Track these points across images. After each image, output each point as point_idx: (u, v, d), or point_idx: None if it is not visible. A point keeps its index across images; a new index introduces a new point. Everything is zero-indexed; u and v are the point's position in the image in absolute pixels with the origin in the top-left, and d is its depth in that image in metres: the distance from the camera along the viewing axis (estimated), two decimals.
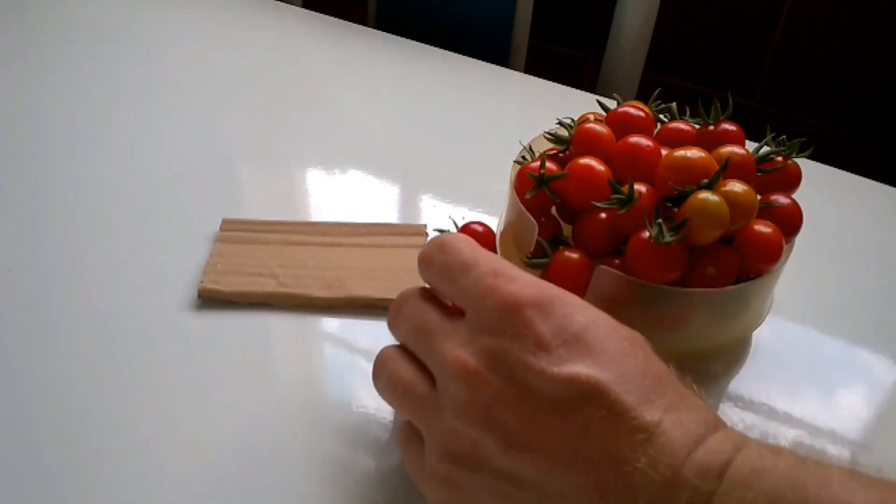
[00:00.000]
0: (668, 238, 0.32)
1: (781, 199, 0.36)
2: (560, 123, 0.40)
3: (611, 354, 0.25)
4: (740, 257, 0.34)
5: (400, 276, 0.41)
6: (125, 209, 0.47)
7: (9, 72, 0.61)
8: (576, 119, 0.40)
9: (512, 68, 0.71)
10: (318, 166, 0.52)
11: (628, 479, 0.23)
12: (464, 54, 0.66)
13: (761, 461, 0.23)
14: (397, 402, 0.29)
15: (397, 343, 0.31)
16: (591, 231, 0.36)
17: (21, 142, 0.53)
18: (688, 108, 0.41)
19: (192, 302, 0.40)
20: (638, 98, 0.41)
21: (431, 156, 0.54)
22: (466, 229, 0.38)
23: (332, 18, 0.71)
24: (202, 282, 0.40)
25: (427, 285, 0.31)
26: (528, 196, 0.36)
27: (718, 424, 0.25)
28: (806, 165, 0.38)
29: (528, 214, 0.36)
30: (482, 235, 0.38)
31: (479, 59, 0.65)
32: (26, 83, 0.59)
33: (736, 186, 0.33)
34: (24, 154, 0.52)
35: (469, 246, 0.29)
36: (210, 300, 0.40)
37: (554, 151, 0.40)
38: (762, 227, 0.34)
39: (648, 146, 0.36)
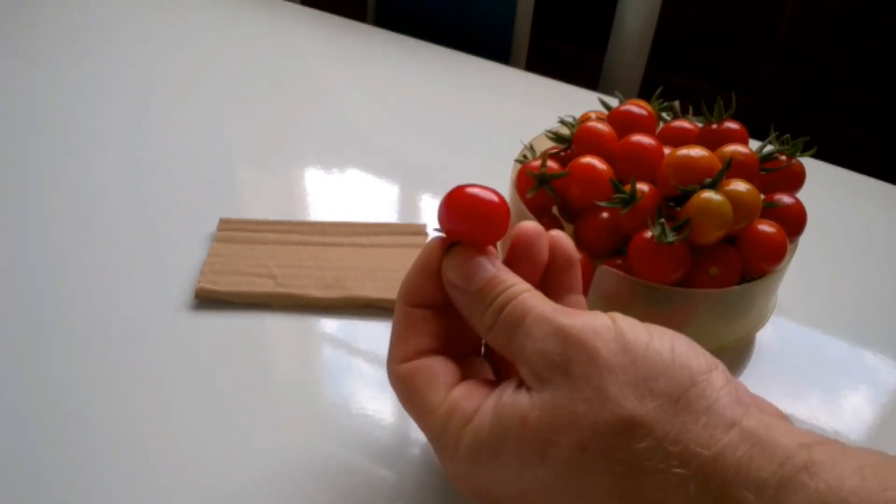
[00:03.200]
0: (670, 238, 0.32)
1: (785, 199, 0.36)
2: (561, 122, 0.40)
3: None
4: (743, 257, 0.34)
5: (399, 276, 0.40)
6: (122, 209, 0.47)
7: (6, 70, 0.60)
8: (577, 117, 0.40)
9: (513, 66, 0.71)
10: (316, 165, 0.52)
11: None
12: (464, 52, 0.65)
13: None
14: None
15: None
16: (592, 231, 0.36)
17: (17, 140, 0.52)
18: (690, 107, 0.41)
19: (190, 302, 0.40)
20: (640, 96, 0.41)
21: (431, 154, 0.54)
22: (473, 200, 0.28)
23: (330, 16, 0.70)
24: (199, 282, 0.40)
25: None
26: (529, 195, 0.36)
27: None
28: (810, 164, 0.38)
29: (530, 214, 0.36)
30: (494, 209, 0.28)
31: (479, 56, 0.65)
32: (23, 82, 0.59)
33: (739, 186, 0.33)
34: (20, 153, 0.51)
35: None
36: (207, 300, 0.40)
37: (555, 150, 0.39)
38: (766, 227, 0.34)
39: (651, 145, 0.36)
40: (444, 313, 0.29)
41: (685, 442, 0.23)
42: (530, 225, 0.29)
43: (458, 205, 0.28)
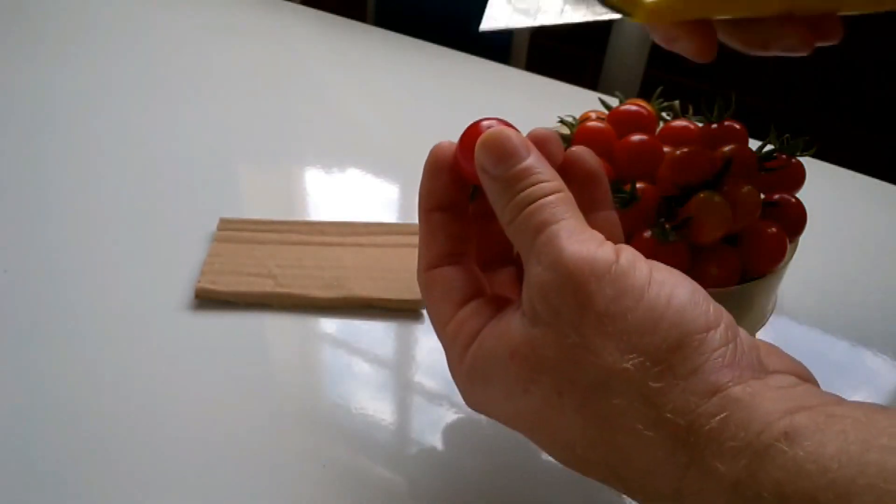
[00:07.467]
0: (670, 237, 0.32)
1: (785, 198, 0.36)
2: (561, 121, 0.40)
3: None
4: (743, 257, 0.34)
5: (399, 276, 0.41)
6: (122, 208, 0.47)
7: (5, 70, 0.60)
8: (577, 117, 0.40)
9: (513, 66, 0.71)
10: (316, 165, 0.52)
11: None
12: (464, 52, 0.65)
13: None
14: None
15: None
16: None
17: (17, 140, 0.52)
18: (690, 106, 0.41)
19: (190, 302, 0.40)
20: (640, 96, 0.41)
21: None
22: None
23: (331, 16, 0.70)
24: (199, 282, 0.40)
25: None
26: None
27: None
28: (810, 164, 0.38)
29: None
30: None
31: (479, 56, 0.65)
32: (22, 81, 0.59)
33: (739, 186, 0.33)
34: (20, 153, 0.51)
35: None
36: (207, 300, 0.40)
37: None
38: (766, 227, 0.34)
39: (651, 144, 0.36)
40: (463, 216, 0.29)
41: (658, 406, 0.23)
42: (542, 129, 0.29)
43: (473, 143, 0.27)
